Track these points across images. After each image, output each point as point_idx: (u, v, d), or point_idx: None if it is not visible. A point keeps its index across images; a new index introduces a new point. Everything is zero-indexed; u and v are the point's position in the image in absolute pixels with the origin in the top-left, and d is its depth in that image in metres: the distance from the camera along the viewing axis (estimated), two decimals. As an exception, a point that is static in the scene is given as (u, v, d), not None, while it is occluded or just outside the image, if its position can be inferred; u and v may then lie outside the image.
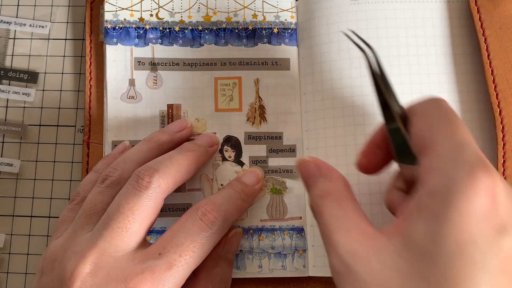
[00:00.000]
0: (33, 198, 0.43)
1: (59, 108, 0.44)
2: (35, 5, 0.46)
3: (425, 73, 0.39)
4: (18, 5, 0.46)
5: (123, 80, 0.41)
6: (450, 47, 0.40)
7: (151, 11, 0.42)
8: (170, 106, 0.41)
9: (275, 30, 0.42)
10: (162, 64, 0.41)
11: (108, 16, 0.41)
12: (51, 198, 0.42)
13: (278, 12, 0.42)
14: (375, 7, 0.40)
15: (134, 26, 0.41)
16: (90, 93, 0.42)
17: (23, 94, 0.44)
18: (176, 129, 0.39)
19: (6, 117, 0.44)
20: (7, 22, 0.45)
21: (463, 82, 0.40)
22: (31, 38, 0.45)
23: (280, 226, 0.39)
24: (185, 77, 0.41)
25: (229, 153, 0.40)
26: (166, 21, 0.42)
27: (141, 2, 0.42)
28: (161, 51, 0.41)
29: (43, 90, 0.44)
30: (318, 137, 0.40)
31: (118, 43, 0.41)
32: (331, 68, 0.40)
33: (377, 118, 0.39)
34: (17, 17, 0.45)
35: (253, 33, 0.42)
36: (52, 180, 0.43)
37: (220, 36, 0.42)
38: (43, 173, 0.43)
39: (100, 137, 0.41)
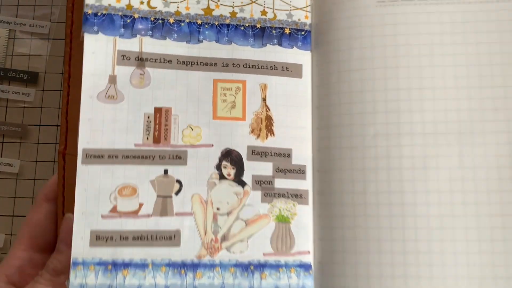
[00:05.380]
0: (33, 198, 0.44)
1: (59, 108, 0.46)
2: (35, 5, 0.48)
3: (464, 87, 0.35)
4: (18, 5, 0.48)
5: (102, 76, 0.36)
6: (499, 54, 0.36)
7: (143, -2, 0.38)
8: (158, 110, 0.36)
9: (287, 31, 0.39)
10: (151, 60, 0.37)
11: (89, 0, 0.36)
12: (50, 198, 0.47)
13: (291, 10, 0.39)
14: (405, 10, 0.37)
15: (120, 13, 0.37)
16: (68, 95, 0.37)
17: (23, 94, 0.46)
18: None
19: (6, 117, 0.46)
20: (7, 22, 0.47)
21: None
22: (31, 38, 0.47)
23: (286, 262, 0.35)
24: (179, 76, 0.37)
25: (228, 170, 0.36)
26: (159, 11, 0.38)
27: (131, -15, 0.37)
28: (151, 45, 0.37)
29: (43, 90, 0.47)
30: (332, 159, 0.36)
31: (99, 32, 0.37)
32: (350, 79, 0.37)
33: (404, 139, 0.35)
34: (17, 17, 0.48)
35: (262, 32, 0.38)
36: (52, 180, 0.47)
37: (223, 32, 0.38)
38: (43, 173, 0.45)
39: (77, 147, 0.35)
